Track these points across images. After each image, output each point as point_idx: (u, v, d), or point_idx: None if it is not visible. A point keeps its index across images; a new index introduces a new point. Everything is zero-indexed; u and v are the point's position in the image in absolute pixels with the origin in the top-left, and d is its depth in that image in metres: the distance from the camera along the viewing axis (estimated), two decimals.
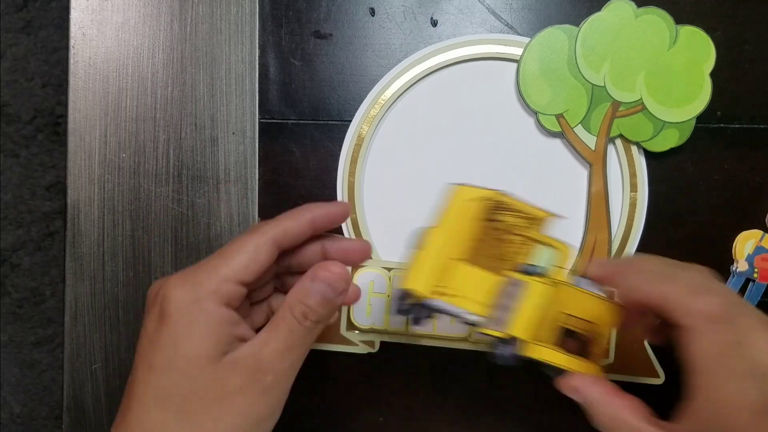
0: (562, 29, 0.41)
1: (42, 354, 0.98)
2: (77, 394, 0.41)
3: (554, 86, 0.41)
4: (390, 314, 0.41)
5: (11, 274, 0.97)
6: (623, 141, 0.41)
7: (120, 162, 0.42)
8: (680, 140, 0.41)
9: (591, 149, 0.41)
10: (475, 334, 0.41)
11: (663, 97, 0.40)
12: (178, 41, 0.42)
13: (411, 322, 0.34)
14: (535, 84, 0.41)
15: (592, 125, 0.41)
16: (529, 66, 0.41)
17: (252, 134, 0.42)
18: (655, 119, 0.40)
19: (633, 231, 0.41)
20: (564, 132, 0.41)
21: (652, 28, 0.40)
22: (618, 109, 0.41)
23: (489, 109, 0.42)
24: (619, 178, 0.41)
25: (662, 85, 0.40)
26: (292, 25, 0.42)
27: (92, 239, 0.41)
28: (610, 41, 0.40)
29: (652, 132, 0.41)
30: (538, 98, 0.41)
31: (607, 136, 0.41)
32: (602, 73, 0.40)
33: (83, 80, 0.42)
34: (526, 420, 0.42)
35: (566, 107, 0.41)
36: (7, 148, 0.96)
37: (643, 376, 0.41)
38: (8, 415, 0.98)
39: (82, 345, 0.41)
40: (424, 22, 0.42)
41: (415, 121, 0.42)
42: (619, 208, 0.41)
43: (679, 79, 0.40)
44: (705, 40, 0.40)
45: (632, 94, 0.40)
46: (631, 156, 0.41)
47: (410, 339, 0.41)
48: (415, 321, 0.32)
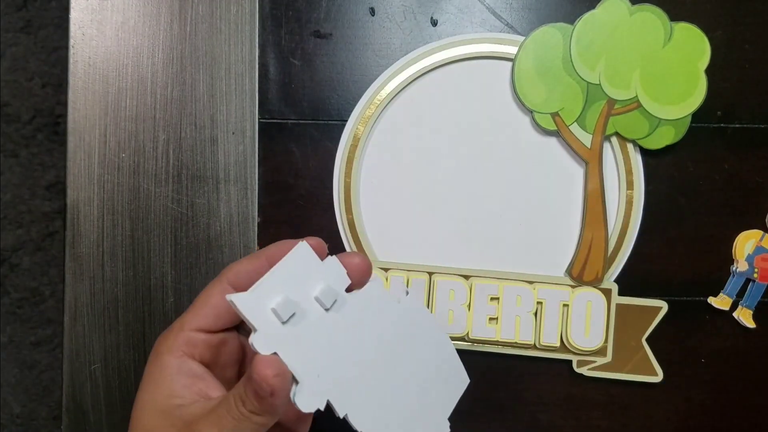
0: (556, 27, 0.41)
1: (41, 354, 0.98)
2: (76, 395, 0.41)
3: (549, 85, 0.41)
4: None
5: (11, 274, 0.97)
6: (619, 139, 0.41)
7: (120, 162, 0.42)
8: (676, 137, 0.41)
9: (587, 147, 0.41)
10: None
11: (658, 95, 0.40)
12: (177, 41, 0.42)
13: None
14: (530, 83, 0.41)
15: (587, 123, 0.41)
16: (524, 64, 0.41)
17: (252, 134, 0.42)
18: (650, 116, 0.40)
19: (630, 229, 0.41)
20: (560, 130, 0.41)
21: (646, 26, 0.40)
22: (613, 106, 0.40)
23: (485, 109, 0.42)
24: (615, 176, 0.41)
25: (657, 82, 0.40)
26: (292, 25, 0.42)
27: (92, 239, 0.41)
28: (605, 39, 0.40)
29: (648, 129, 0.40)
30: (534, 97, 0.41)
31: (602, 133, 0.41)
32: (597, 71, 0.40)
33: (83, 80, 0.42)
34: (526, 420, 0.42)
35: (561, 105, 0.41)
36: (7, 148, 0.96)
37: (641, 374, 0.41)
38: (8, 415, 0.98)
39: (82, 345, 0.41)
40: (424, 22, 0.42)
41: (411, 121, 0.42)
42: (616, 206, 0.41)
43: (675, 76, 0.40)
44: (700, 37, 0.40)
45: (627, 91, 0.40)
46: (627, 154, 0.41)
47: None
48: None
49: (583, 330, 0.41)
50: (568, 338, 0.40)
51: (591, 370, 0.41)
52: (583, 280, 0.41)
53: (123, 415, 0.41)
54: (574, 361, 0.41)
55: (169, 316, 0.41)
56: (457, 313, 0.40)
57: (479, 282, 0.41)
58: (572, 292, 0.41)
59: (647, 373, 0.41)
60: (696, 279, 0.41)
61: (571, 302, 0.41)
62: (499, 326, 0.40)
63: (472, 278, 0.41)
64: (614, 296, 0.41)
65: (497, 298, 0.41)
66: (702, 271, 0.41)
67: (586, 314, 0.41)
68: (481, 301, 0.41)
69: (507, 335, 0.40)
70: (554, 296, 0.41)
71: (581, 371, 0.41)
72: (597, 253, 0.41)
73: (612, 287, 0.41)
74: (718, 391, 0.41)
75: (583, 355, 0.41)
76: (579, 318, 0.41)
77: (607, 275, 0.41)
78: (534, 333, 0.41)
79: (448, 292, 0.41)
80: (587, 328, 0.41)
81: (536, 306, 0.41)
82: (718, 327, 0.41)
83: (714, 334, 0.41)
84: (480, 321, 0.40)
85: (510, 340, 0.41)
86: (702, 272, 0.41)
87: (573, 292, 0.41)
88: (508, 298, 0.41)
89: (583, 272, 0.41)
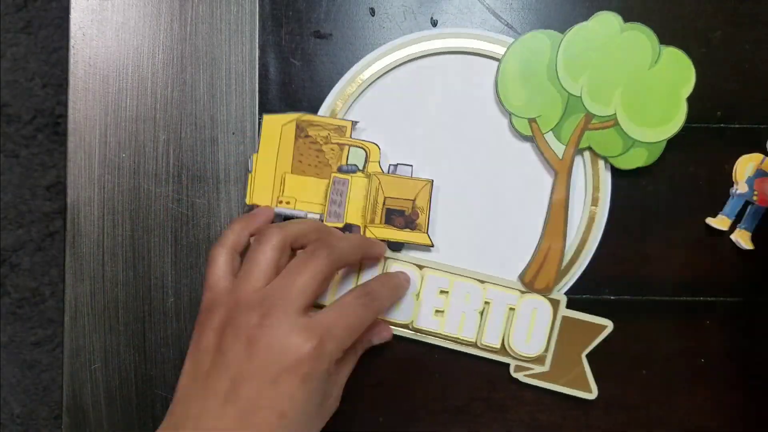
0: (546, 34, 0.40)
1: (42, 354, 0.98)
2: (77, 395, 0.41)
3: (531, 90, 0.40)
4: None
5: (11, 274, 0.97)
6: (591, 154, 0.41)
7: (120, 162, 0.42)
8: (648, 160, 0.40)
9: (558, 158, 0.41)
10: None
11: (637, 116, 0.40)
12: (178, 41, 0.42)
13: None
14: (512, 85, 0.41)
15: (563, 134, 0.41)
16: (510, 66, 0.41)
17: (252, 134, 0.42)
18: (625, 136, 0.40)
19: (587, 244, 0.41)
20: (535, 137, 0.41)
21: (635, 45, 0.40)
22: (590, 121, 0.40)
23: (466, 104, 0.42)
24: (582, 190, 0.41)
25: (638, 103, 0.40)
26: (292, 25, 0.42)
27: (92, 239, 0.41)
28: (593, 53, 0.40)
29: (622, 149, 0.40)
30: (514, 99, 0.41)
31: (576, 146, 0.41)
32: (580, 84, 0.40)
33: (83, 80, 0.42)
34: (526, 420, 0.42)
35: (540, 112, 0.41)
36: (7, 148, 0.96)
37: (576, 389, 0.41)
38: (8, 415, 0.98)
39: (82, 345, 0.41)
40: (424, 22, 0.42)
41: (391, 104, 0.42)
42: (578, 220, 0.41)
43: (656, 99, 0.40)
44: (686, 64, 0.40)
45: (607, 108, 0.40)
46: (597, 170, 0.41)
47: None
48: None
49: (525, 336, 0.40)
50: (509, 342, 0.40)
51: (527, 376, 0.41)
52: (533, 287, 0.41)
53: (123, 415, 0.41)
54: (512, 365, 0.41)
55: (169, 316, 0.41)
56: (405, 301, 0.41)
57: (431, 273, 0.41)
58: (520, 297, 0.41)
59: (582, 389, 0.41)
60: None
61: (517, 307, 0.40)
62: (444, 319, 0.41)
63: (425, 269, 0.41)
64: (561, 308, 0.41)
65: (447, 291, 0.41)
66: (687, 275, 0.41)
67: (530, 321, 0.40)
68: (431, 293, 0.41)
69: (450, 329, 0.41)
70: (502, 298, 0.41)
71: (517, 376, 0.41)
72: (551, 264, 0.41)
73: (561, 299, 0.41)
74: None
75: (522, 360, 0.41)
76: (523, 323, 0.40)
77: (558, 287, 0.41)
78: (477, 331, 0.41)
79: None
80: (529, 334, 0.40)
81: (483, 305, 0.41)
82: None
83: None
84: (427, 312, 0.41)
85: (452, 335, 0.41)
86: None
87: (521, 297, 0.41)
88: (458, 293, 0.41)
89: (534, 280, 0.41)
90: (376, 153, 0.41)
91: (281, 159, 0.40)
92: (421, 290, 0.41)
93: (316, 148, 0.40)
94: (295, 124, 0.40)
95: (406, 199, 0.40)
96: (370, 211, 0.40)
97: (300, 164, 0.40)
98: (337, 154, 0.40)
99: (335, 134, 0.40)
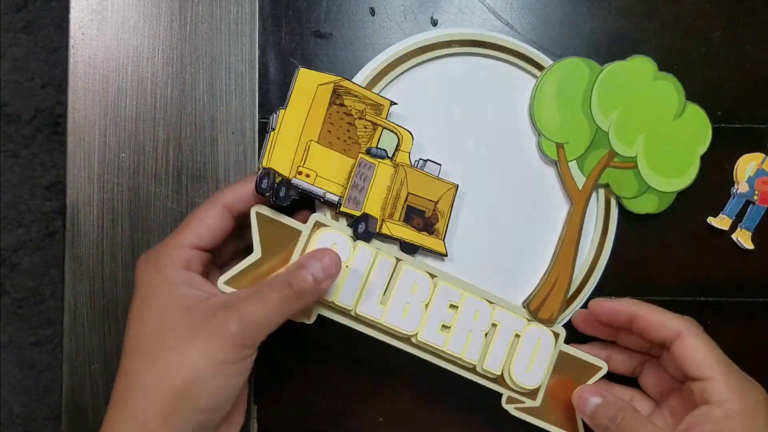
0: (585, 62, 0.40)
1: (42, 354, 0.98)
2: (76, 395, 0.41)
3: (564, 115, 0.40)
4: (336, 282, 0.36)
5: (11, 274, 0.97)
6: (607, 191, 0.41)
7: (119, 162, 0.42)
8: (658, 208, 0.41)
9: (578, 189, 0.41)
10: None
11: (655, 163, 0.40)
12: (177, 41, 0.42)
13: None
14: (547, 106, 0.41)
15: (585, 165, 0.41)
16: (547, 87, 0.41)
17: (252, 134, 0.42)
18: (641, 181, 0.40)
19: (592, 277, 0.41)
20: (559, 162, 0.41)
21: (664, 95, 0.40)
22: (613, 158, 0.41)
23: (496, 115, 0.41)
24: (593, 223, 0.41)
25: (659, 151, 0.40)
26: (292, 25, 0.42)
27: (92, 239, 0.41)
28: (626, 93, 0.40)
29: (636, 192, 0.41)
30: (546, 121, 0.41)
31: (596, 180, 0.41)
32: (609, 120, 0.40)
33: (83, 80, 0.42)
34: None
35: (569, 139, 0.41)
36: (7, 148, 0.96)
37: (563, 429, 0.40)
38: (8, 416, 0.98)
39: (81, 345, 0.41)
40: (424, 22, 0.42)
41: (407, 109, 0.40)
42: (586, 252, 0.41)
43: (674, 151, 0.41)
44: (706, 124, 0.41)
45: (630, 149, 0.40)
46: (609, 209, 0.41)
47: (350, 321, 0.38)
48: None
49: (527, 366, 0.39)
50: (510, 369, 0.39)
51: (517, 409, 0.40)
52: (538, 316, 0.40)
53: None
54: (505, 395, 0.40)
55: None
56: (413, 309, 0.38)
57: (444, 284, 0.38)
58: (527, 325, 0.40)
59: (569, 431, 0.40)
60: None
61: (523, 334, 0.40)
62: (450, 336, 0.38)
63: (437, 278, 0.39)
64: (560, 342, 0.40)
65: (457, 306, 0.39)
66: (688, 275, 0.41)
67: (533, 351, 0.40)
68: (440, 305, 0.38)
69: (454, 348, 0.38)
70: (510, 323, 0.39)
71: (508, 408, 0.40)
72: (558, 294, 0.40)
73: (561, 332, 0.40)
74: None
75: (516, 392, 0.40)
76: (526, 352, 0.39)
77: (560, 318, 0.41)
78: (480, 354, 0.39)
79: (411, 284, 0.38)
80: (530, 365, 0.39)
81: (490, 327, 0.39)
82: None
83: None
84: (433, 325, 0.38)
85: (455, 354, 0.38)
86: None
87: (527, 325, 0.40)
88: (467, 310, 0.39)
89: (540, 308, 0.40)
90: (408, 142, 0.38)
91: (310, 123, 0.36)
92: (431, 300, 0.38)
93: (349, 121, 0.37)
94: (332, 87, 0.36)
95: (429, 199, 0.38)
96: (391, 204, 0.37)
97: (329, 134, 0.37)
98: (369, 133, 0.37)
99: (371, 111, 0.37)
